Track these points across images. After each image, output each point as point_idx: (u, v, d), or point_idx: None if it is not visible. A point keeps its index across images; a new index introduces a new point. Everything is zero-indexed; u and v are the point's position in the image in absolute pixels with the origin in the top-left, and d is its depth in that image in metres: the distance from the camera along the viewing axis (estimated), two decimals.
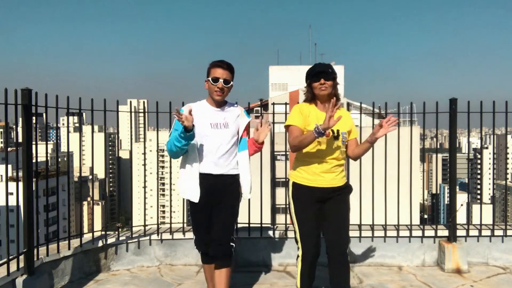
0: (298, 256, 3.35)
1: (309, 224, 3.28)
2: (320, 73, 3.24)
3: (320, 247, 3.33)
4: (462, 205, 5.41)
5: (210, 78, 3.28)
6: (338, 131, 3.26)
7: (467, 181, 5.72)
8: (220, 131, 3.32)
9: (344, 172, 3.39)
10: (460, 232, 4.87)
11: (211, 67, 3.31)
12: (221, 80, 3.26)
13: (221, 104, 3.38)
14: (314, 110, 3.32)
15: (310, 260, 3.32)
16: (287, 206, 3.43)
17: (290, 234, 4.91)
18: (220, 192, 3.33)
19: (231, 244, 3.40)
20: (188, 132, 3.08)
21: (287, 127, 3.34)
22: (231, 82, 3.33)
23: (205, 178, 3.29)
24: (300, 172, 3.31)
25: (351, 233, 4.87)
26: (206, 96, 3.43)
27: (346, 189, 3.36)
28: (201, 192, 3.29)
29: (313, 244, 3.29)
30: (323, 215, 3.30)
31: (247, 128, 3.50)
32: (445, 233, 4.88)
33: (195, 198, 3.29)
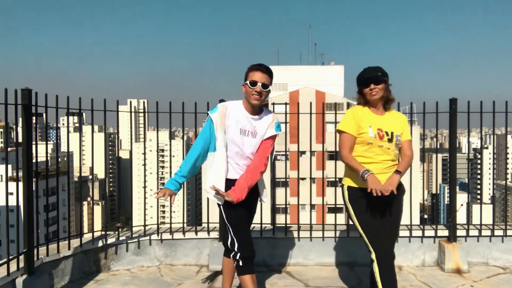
0: (372, 261, 3.21)
1: (374, 225, 3.22)
2: (369, 79, 3.22)
3: (392, 247, 3.25)
4: (462, 205, 5.41)
5: (248, 82, 3.18)
6: (392, 133, 3.25)
7: (467, 181, 5.71)
8: (247, 139, 3.27)
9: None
10: (460, 232, 4.87)
11: (250, 71, 3.22)
12: (259, 84, 3.16)
13: (256, 110, 3.29)
14: (368, 113, 3.29)
15: (389, 262, 3.20)
16: (347, 212, 3.38)
17: (290, 234, 4.91)
18: (246, 198, 3.26)
19: None
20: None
21: (339, 132, 3.32)
22: (270, 87, 3.23)
23: (231, 184, 3.26)
24: (353, 175, 3.27)
25: (351, 233, 4.89)
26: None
27: (399, 190, 3.28)
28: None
29: (385, 243, 3.21)
30: (381, 216, 3.26)
31: (269, 139, 3.37)
32: (445, 233, 4.88)
33: (221, 201, 3.25)
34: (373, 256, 3.19)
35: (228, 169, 3.27)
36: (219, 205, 3.33)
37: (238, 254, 3.27)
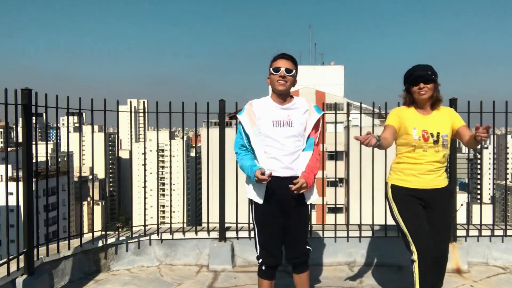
0: (413, 261, 3.12)
1: (418, 223, 3.15)
2: (419, 77, 3.14)
3: (432, 247, 3.14)
4: (462, 205, 5.41)
5: (271, 69, 3.10)
6: (438, 134, 3.17)
7: (467, 181, 5.71)
8: (282, 129, 3.08)
9: (446, 174, 3.30)
10: (460, 232, 4.87)
11: (273, 61, 3.14)
12: (282, 69, 3.06)
13: (285, 99, 3.15)
14: (413, 113, 3.24)
15: (429, 263, 3.11)
16: (390, 210, 3.35)
17: None
18: (287, 195, 3.06)
19: (308, 247, 3.29)
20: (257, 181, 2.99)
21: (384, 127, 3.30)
22: (294, 71, 3.11)
23: (276, 181, 3.05)
24: (398, 174, 3.26)
25: (351, 233, 4.89)
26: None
27: (447, 192, 3.26)
28: (267, 194, 3.10)
29: (428, 243, 3.11)
30: (427, 218, 3.21)
31: (317, 126, 3.21)
32: None
33: (260, 200, 3.11)
34: (415, 256, 3.11)
35: (264, 164, 3.08)
36: (249, 205, 3.25)
37: (260, 260, 3.24)
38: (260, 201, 3.12)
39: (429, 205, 3.21)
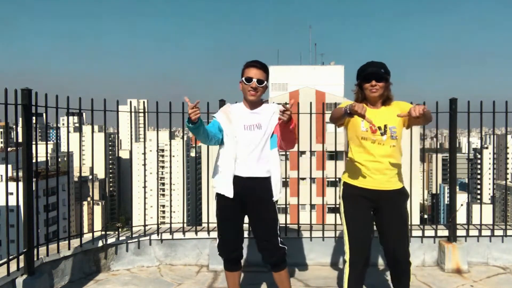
0: (345, 261, 3.17)
1: (358, 226, 3.12)
2: (371, 74, 3.06)
3: (368, 253, 3.16)
4: (462, 205, 5.41)
5: (243, 78, 3.21)
6: (385, 126, 3.07)
7: (467, 181, 5.71)
8: (252, 132, 3.23)
9: (400, 176, 3.17)
10: (460, 232, 4.87)
11: (245, 68, 3.24)
12: (254, 80, 3.18)
13: (255, 105, 3.30)
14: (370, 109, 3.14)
15: (359, 267, 3.14)
16: (337, 206, 3.32)
17: (290, 234, 4.91)
18: (252, 195, 3.25)
19: (282, 246, 3.36)
20: (190, 123, 3.02)
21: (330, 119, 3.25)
22: (265, 82, 3.24)
23: (236, 180, 3.24)
24: (350, 171, 3.19)
25: None
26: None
27: (400, 194, 3.15)
28: (234, 192, 3.25)
29: (361, 248, 3.11)
30: (378, 221, 3.19)
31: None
32: (445, 233, 4.88)
33: (230, 194, 3.24)
34: (347, 257, 3.14)
35: (235, 166, 3.24)
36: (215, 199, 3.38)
37: (218, 252, 3.47)
38: (231, 195, 3.25)
39: (382, 207, 3.13)
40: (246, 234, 4.89)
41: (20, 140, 3.84)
